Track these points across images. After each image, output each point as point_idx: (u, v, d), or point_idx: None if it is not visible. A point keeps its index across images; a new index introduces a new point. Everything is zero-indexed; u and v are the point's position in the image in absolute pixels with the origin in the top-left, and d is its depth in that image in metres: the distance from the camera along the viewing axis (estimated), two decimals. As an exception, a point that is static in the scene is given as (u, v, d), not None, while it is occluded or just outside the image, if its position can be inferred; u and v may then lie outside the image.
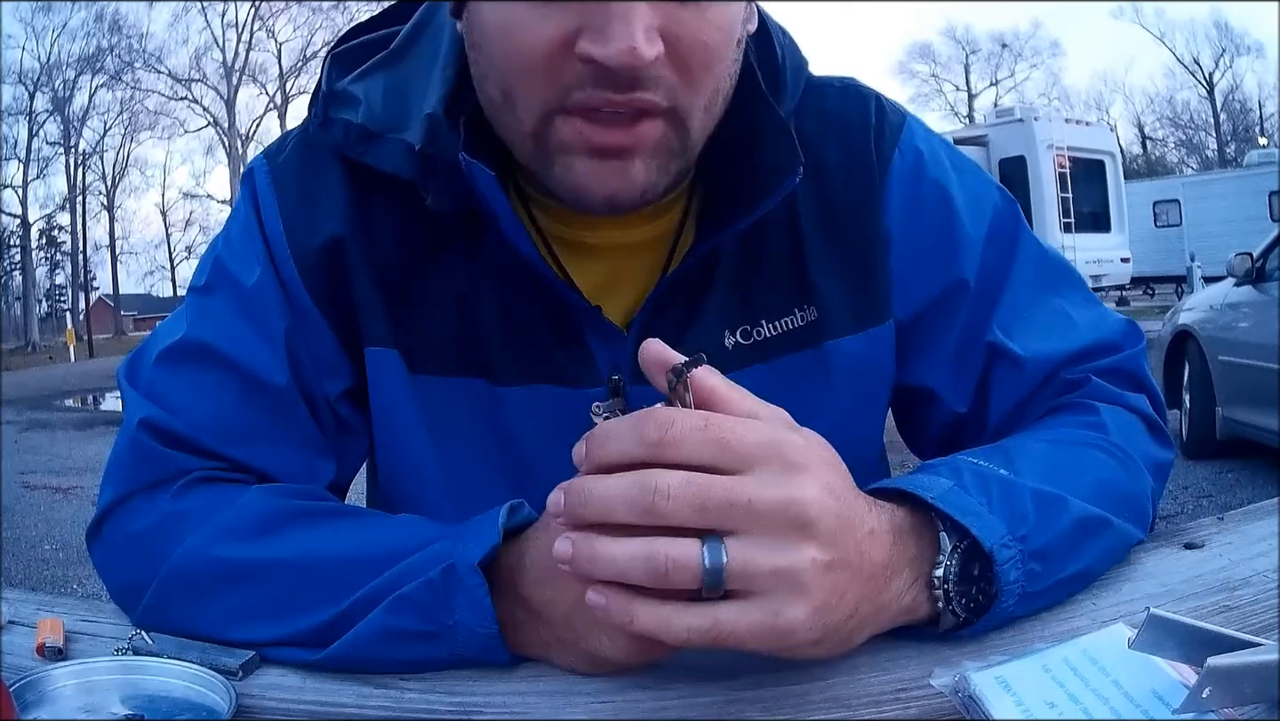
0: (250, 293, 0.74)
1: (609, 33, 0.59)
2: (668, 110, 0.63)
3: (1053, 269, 0.82)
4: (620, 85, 0.61)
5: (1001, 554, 0.58)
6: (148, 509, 0.69)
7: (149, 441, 0.71)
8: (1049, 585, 0.61)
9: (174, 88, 36.70)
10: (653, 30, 0.59)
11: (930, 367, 0.80)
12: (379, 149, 0.71)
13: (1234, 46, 37.21)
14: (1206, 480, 5.19)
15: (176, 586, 0.65)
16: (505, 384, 0.75)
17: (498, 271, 0.74)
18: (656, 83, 0.62)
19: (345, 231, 0.74)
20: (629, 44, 0.58)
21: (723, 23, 0.64)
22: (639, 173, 0.65)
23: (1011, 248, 0.80)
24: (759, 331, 0.76)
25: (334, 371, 0.75)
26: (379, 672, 0.61)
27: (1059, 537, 0.61)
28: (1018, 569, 0.58)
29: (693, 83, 0.63)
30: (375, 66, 0.75)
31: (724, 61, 0.65)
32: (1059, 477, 0.64)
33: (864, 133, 0.79)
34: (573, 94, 0.62)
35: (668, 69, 0.62)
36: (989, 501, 0.59)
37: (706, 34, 0.62)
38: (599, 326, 0.74)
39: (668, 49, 0.61)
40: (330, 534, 0.65)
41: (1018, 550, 0.58)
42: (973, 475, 0.61)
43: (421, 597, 0.59)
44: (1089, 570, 0.65)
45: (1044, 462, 0.65)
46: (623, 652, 0.56)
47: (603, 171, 0.65)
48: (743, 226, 0.73)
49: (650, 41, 0.59)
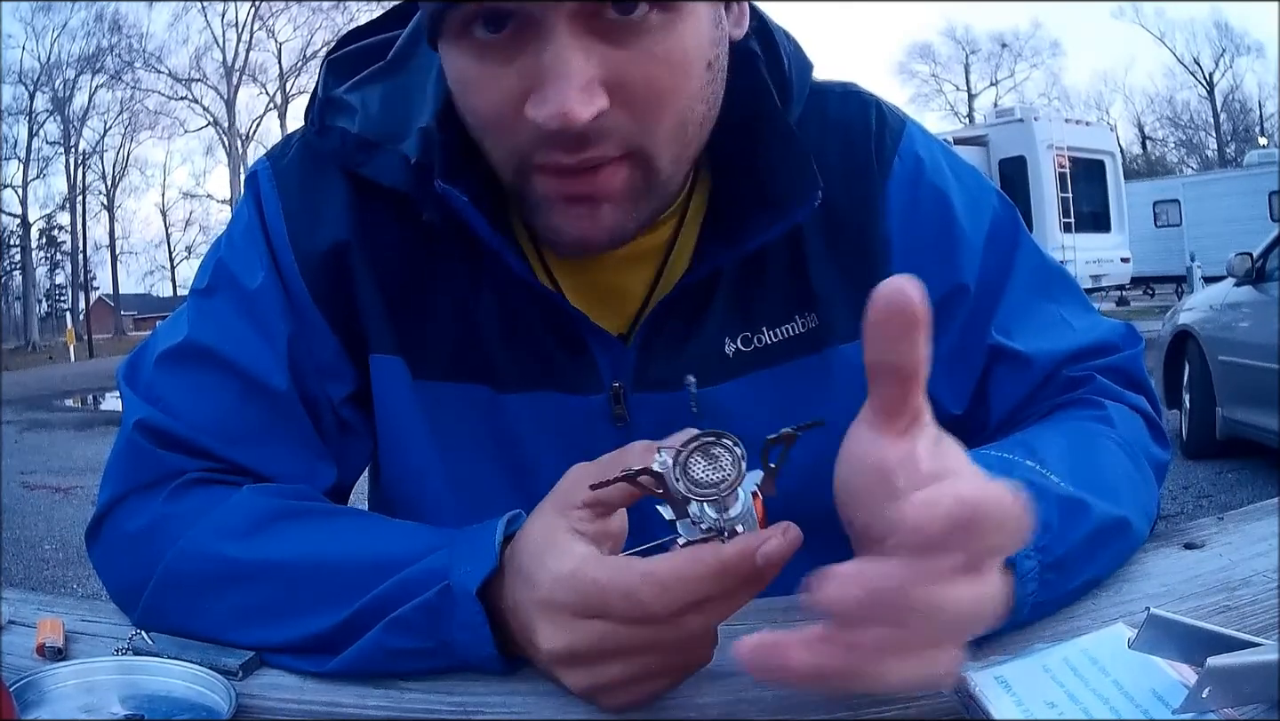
0: (253, 295, 0.73)
1: (545, 94, 0.58)
2: (628, 155, 0.63)
3: (1050, 276, 0.82)
4: (568, 145, 0.61)
5: (1023, 565, 0.57)
6: (143, 509, 0.69)
7: (145, 443, 0.71)
8: (1061, 594, 0.61)
9: (174, 87, 36.73)
10: (593, 84, 0.58)
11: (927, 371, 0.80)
12: (376, 160, 0.71)
13: (1234, 46, 37.24)
14: (1206, 480, 5.18)
15: (172, 586, 0.65)
16: (507, 390, 0.75)
17: (499, 279, 0.74)
18: (606, 134, 0.61)
19: (349, 237, 0.74)
20: (560, 108, 0.58)
21: (673, 54, 0.61)
22: (607, 216, 0.65)
23: (1011, 252, 0.80)
24: (760, 338, 0.76)
25: (336, 375, 0.75)
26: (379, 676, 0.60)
27: (1077, 546, 0.61)
28: (1035, 580, 0.58)
29: (649, 123, 0.62)
30: (373, 75, 0.75)
31: (683, 94, 0.63)
32: (1082, 473, 0.64)
33: (865, 138, 0.78)
34: (535, 154, 0.63)
35: (620, 115, 0.61)
36: None
37: (653, 72, 0.61)
38: (598, 335, 0.73)
39: (615, 96, 0.60)
40: (325, 535, 0.65)
41: (1037, 561, 0.58)
42: (1001, 472, 0.59)
43: (417, 620, 0.58)
44: (1099, 576, 0.66)
45: (1068, 457, 0.65)
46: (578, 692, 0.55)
47: (573, 217, 0.65)
48: (754, 247, 0.72)
49: (587, 99, 0.58)
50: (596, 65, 0.59)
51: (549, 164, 0.62)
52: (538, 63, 0.59)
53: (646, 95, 0.61)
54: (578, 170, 0.62)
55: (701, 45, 0.64)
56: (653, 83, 0.61)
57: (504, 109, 0.61)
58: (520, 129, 0.61)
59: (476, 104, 0.63)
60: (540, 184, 0.64)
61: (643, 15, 0.59)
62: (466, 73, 0.63)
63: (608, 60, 0.59)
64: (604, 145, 0.62)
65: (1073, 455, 0.66)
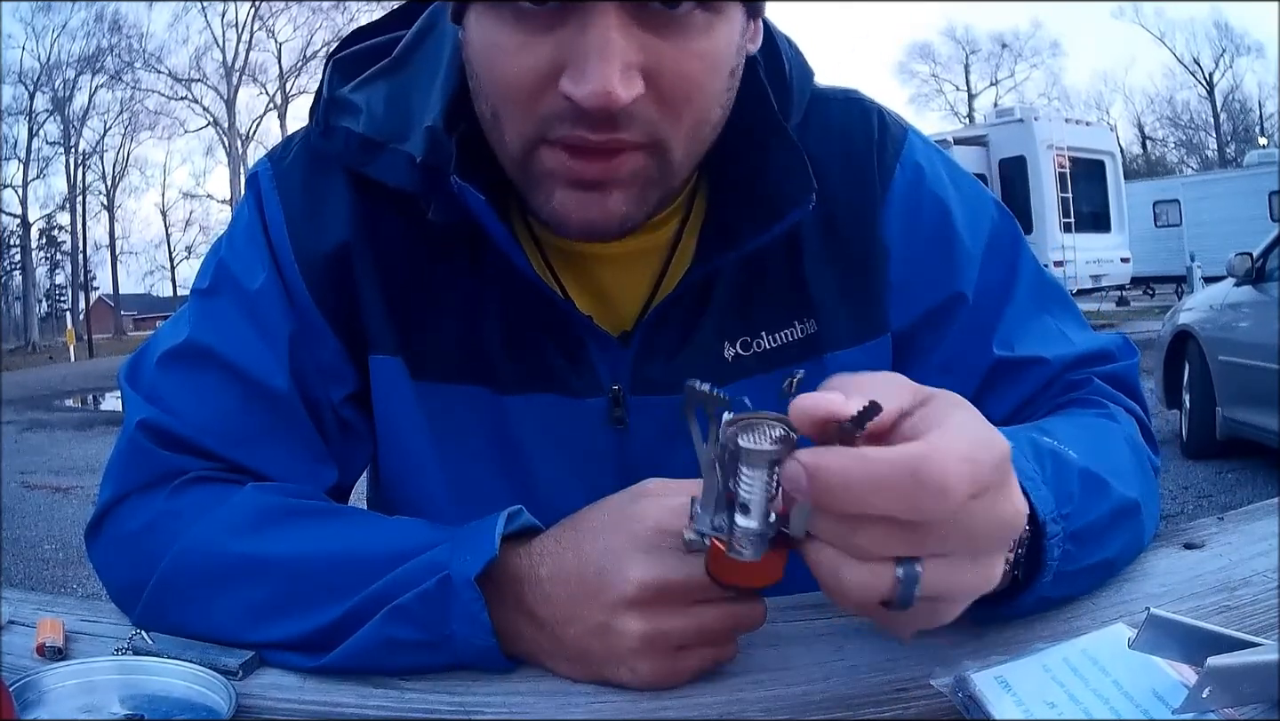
0: (254, 296, 0.73)
1: (587, 72, 0.58)
2: (647, 144, 0.64)
3: (1047, 290, 0.82)
4: (597, 125, 0.61)
5: (1051, 528, 0.58)
6: (143, 508, 0.69)
7: (146, 442, 0.71)
8: (1078, 569, 0.61)
9: (174, 87, 36.72)
10: (631, 69, 0.59)
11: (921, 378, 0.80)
12: (381, 160, 0.71)
13: (1234, 46, 37.23)
14: (1206, 480, 5.18)
15: (173, 584, 0.65)
16: (507, 392, 0.75)
17: (500, 281, 0.74)
18: (634, 119, 0.61)
19: (350, 238, 0.74)
20: (604, 86, 0.58)
21: (708, 54, 0.63)
22: (616, 204, 0.65)
23: (1012, 264, 0.80)
24: (759, 343, 0.76)
25: (337, 376, 0.75)
26: (379, 675, 0.61)
27: (1096, 521, 0.62)
28: (1059, 546, 0.58)
29: (674, 116, 0.63)
30: (377, 74, 0.75)
31: (709, 93, 0.64)
32: (1098, 457, 0.65)
33: (866, 145, 0.79)
34: (554, 127, 0.62)
35: (649, 104, 0.61)
36: (1043, 471, 0.59)
37: (689, 67, 0.62)
38: (598, 337, 0.74)
39: (649, 84, 0.61)
40: (327, 532, 0.65)
41: (1062, 527, 0.59)
42: (1029, 443, 0.61)
43: (417, 609, 0.59)
44: (1113, 561, 0.66)
45: (1082, 442, 0.65)
46: (641, 680, 0.56)
47: (581, 201, 0.65)
48: (751, 249, 0.73)
49: (628, 82, 0.59)
50: (638, 51, 0.60)
51: (570, 138, 0.62)
52: (581, 40, 0.59)
53: (677, 89, 0.62)
54: (595, 150, 0.62)
55: (731, 51, 0.65)
56: (685, 77, 0.62)
57: (533, 78, 0.61)
58: (544, 101, 0.61)
59: (505, 71, 0.62)
60: (550, 159, 0.64)
61: (687, 11, 0.61)
62: (499, 38, 0.62)
63: (648, 48, 0.60)
64: (629, 130, 0.62)
65: (1086, 440, 0.66)
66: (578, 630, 0.57)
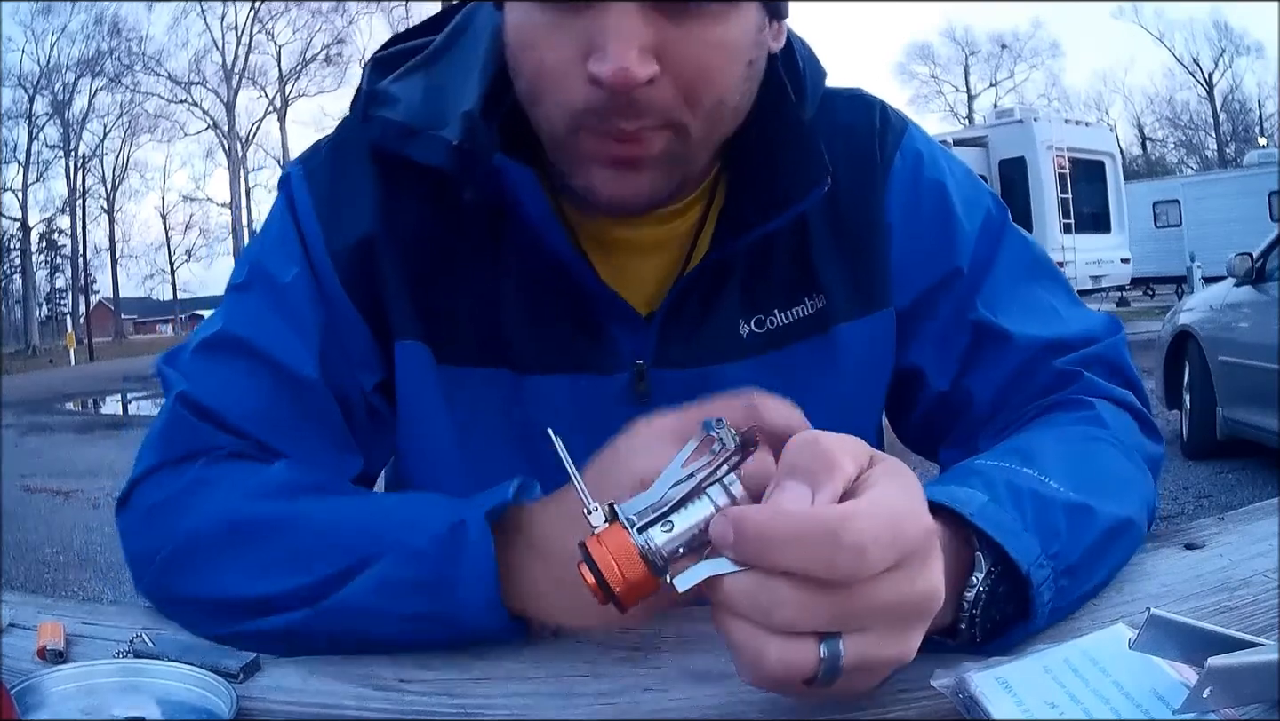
0: (286, 289, 0.76)
1: (608, 52, 0.63)
2: (667, 125, 0.67)
3: (1037, 262, 0.86)
4: (623, 111, 0.65)
5: (1037, 574, 0.58)
6: (175, 478, 0.72)
7: (186, 414, 0.73)
8: (1074, 599, 0.62)
9: (173, 91, 36.84)
10: (646, 52, 0.63)
11: (919, 349, 0.84)
12: (418, 144, 0.74)
13: (1234, 46, 37.30)
14: (1206, 480, 5.19)
15: (193, 546, 0.67)
16: (529, 372, 0.78)
17: (521, 263, 0.77)
18: (652, 104, 0.65)
19: (377, 227, 0.77)
20: (621, 63, 0.62)
21: (723, 42, 0.66)
22: (646, 181, 0.70)
23: (999, 236, 0.84)
24: (772, 320, 0.80)
25: (367, 365, 0.78)
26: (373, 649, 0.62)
27: (1088, 550, 0.62)
28: (1050, 588, 0.58)
29: (692, 100, 0.67)
30: (414, 68, 0.78)
31: (727, 79, 0.68)
32: (1082, 479, 0.65)
33: (869, 135, 0.83)
34: (588, 116, 0.66)
35: (667, 88, 0.65)
36: (1023, 516, 0.59)
37: (703, 54, 0.66)
38: (624, 315, 0.77)
39: (667, 68, 0.64)
40: (351, 501, 0.69)
41: (1050, 569, 0.58)
42: (1006, 487, 0.61)
43: (428, 548, 0.61)
44: (1109, 578, 0.66)
45: (1065, 463, 0.66)
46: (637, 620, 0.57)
47: (615, 179, 0.69)
48: (768, 230, 0.76)
49: (643, 61, 0.63)
50: (654, 35, 0.64)
51: (607, 127, 0.66)
52: (602, 23, 0.63)
53: (693, 73, 0.66)
54: (630, 137, 0.67)
55: (747, 43, 0.68)
56: (700, 62, 0.66)
57: (565, 62, 0.65)
58: (576, 86, 0.65)
59: (540, 55, 0.67)
60: (586, 142, 0.68)
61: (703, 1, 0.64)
62: (535, 20, 0.66)
63: (665, 33, 0.64)
64: (650, 116, 0.66)
65: (1071, 460, 0.67)
66: (568, 542, 0.56)
